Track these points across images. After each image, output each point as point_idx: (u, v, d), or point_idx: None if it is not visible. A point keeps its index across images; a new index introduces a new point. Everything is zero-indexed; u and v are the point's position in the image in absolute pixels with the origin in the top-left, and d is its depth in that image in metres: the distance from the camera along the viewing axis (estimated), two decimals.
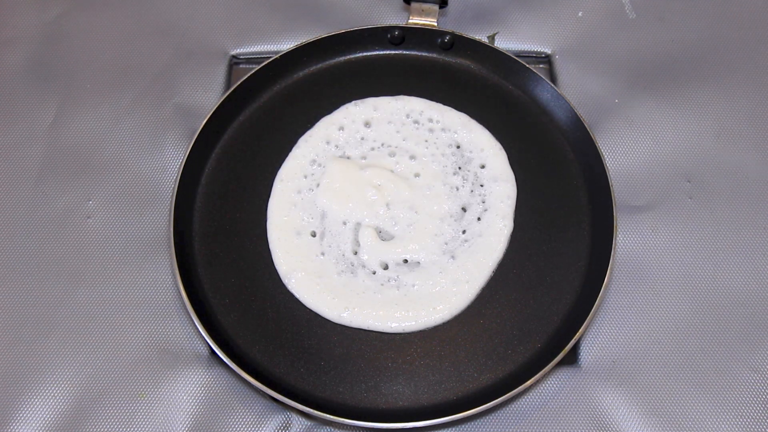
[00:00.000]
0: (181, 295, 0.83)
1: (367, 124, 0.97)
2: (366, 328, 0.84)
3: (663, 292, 0.88)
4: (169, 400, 0.83)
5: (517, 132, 0.96)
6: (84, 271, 0.89)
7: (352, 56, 1.02)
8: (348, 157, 0.94)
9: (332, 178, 0.92)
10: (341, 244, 0.89)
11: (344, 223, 0.90)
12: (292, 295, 0.86)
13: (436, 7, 1.01)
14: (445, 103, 0.98)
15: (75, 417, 0.82)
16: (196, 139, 0.92)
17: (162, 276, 0.89)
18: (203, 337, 0.81)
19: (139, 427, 0.81)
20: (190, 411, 0.82)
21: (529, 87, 0.99)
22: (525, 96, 0.99)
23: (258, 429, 0.82)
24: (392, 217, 0.90)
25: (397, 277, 0.87)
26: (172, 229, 0.87)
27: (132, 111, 1.00)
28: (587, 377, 0.84)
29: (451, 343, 0.84)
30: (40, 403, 0.82)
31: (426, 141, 0.95)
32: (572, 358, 0.86)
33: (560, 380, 0.84)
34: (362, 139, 0.96)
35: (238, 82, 0.96)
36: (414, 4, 1.02)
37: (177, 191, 0.89)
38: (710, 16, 1.08)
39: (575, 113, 0.94)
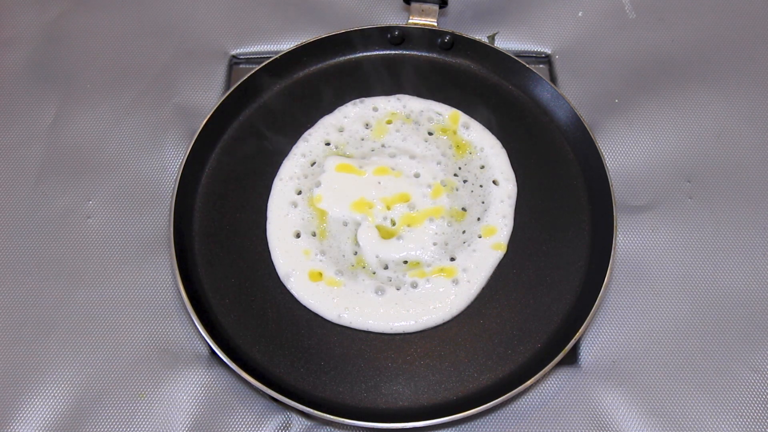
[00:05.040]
0: (181, 295, 0.83)
1: (367, 125, 0.97)
2: (366, 328, 0.84)
3: (663, 292, 0.88)
4: (169, 400, 0.83)
5: (517, 132, 0.96)
6: (84, 271, 0.89)
7: (352, 56, 1.02)
8: (348, 157, 0.94)
9: (332, 178, 0.92)
10: (341, 244, 0.89)
11: (344, 224, 0.90)
12: (291, 295, 0.86)
13: (436, 7, 1.01)
14: (445, 103, 0.98)
15: (75, 417, 0.82)
16: (196, 139, 0.92)
17: (162, 276, 0.89)
18: (203, 337, 0.81)
19: (139, 427, 0.81)
20: (190, 411, 0.82)
21: (529, 87, 0.99)
22: (525, 96, 0.99)
23: (258, 429, 0.82)
24: (392, 217, 0.90)
25: (397, 277, 0.87)
26: (172, 229, 0.87)
27: (132, 111, 1.00)
28: (587, 377, 0.84)
29: (451, 343, 0.84)
30: (40, 403, 0.82)
31: (426, 141, 0.95)
32: (572, 358, 0.86)
33: (560, 380, 0.84)
34: (362, 139, 0.96)
35: (238, 82, 0.96)
36: (414, 4, 1.02)
37: (177, 191, 0.89)
38: (710, 16, 1.08)
39: (575, 113, 0.94)
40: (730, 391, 0.83)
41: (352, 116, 0.97)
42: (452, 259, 0.87)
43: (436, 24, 1.01)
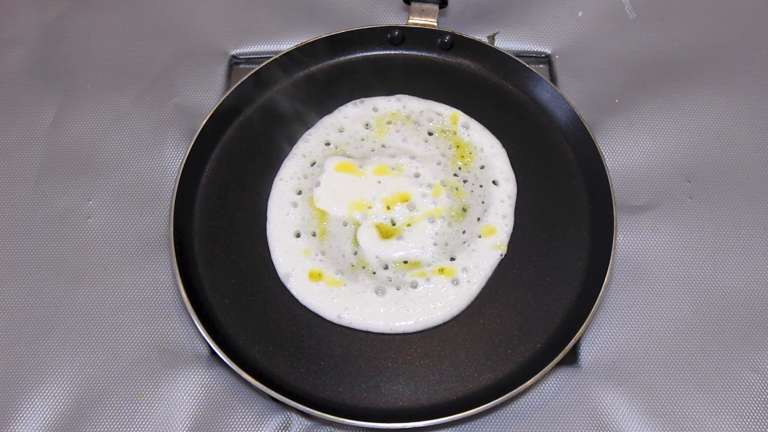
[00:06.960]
0: (181, 295, 0.83)
1: (367, 125, 0.97)
2: (366, 328, 0.84)
3: (663, 292, 0.88)
4: (169, 400, 0.83)
5: (517, 132, 0.96)
6: (84, 271, 0.89)
7: (352, 56, 1.02)
8: (348, 157, 0.94)
9: (332, 178, 0.92)
10: (341, 244, 0.89)
11: (344, 224, 0.90)
12: (292, 295, 0.86)
13: (436, 7, 1.01)
14: (445, 103, 0.98)
15: (75, 417, 0.82)
16: (196, 139, 0.92)
17: (162, 276, 0.89)
18: (203, 337, 0.81)
19: (139, 427, 0.81)
20: (190, 411, 0.82)
21: (529, 87, 0.99)
22: (525, 96, 0.99)
23: (258, 429, 0.82)
24: (392, 217, 0.90)
25: (397, 277, 0.87)
26: (172, 229, 0.87)
27: (132, 111, 1.00)
28: (587, 377, 0.84)
29: (451, 343, 0.84)
30: (40, 403, 0.82)
31: (426, 141, 0.95)
32: (572, 358, 0.86)
33: (560, 380, 0.84)
34: (362, 139, 0.96)
35: (238, 82, 0.96)
36: (414, 4, 1.02)
37: (177, 191, 0.89)
38: (710, 16, 1.08)
39: (575, 113, 0.94)
40: (730, 391, 0.83)
41: (352, 116, 0.97)
42: (452, 259, 0.87)
43: (436, 24, 1.01)
